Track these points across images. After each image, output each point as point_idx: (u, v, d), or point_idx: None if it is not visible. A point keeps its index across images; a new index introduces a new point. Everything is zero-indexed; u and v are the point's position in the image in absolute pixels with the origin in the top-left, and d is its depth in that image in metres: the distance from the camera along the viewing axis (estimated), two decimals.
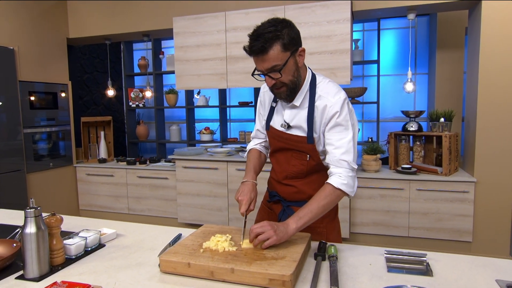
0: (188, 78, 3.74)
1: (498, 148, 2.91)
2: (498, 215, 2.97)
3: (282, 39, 1.22)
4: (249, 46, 1.25)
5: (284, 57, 1.24)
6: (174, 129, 5.15)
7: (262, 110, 1.57)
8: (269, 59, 1.23)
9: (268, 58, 1.23)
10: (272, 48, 1.21)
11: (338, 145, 1.31)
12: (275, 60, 1.23)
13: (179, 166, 3.79)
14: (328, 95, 1.34)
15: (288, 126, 1.42)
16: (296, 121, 1.40)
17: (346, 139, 1.31)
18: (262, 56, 1.23)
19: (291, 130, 1.42)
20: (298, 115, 1.40)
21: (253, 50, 1.23)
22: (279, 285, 1.05)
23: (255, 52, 1.23)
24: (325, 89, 1.36)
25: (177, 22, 3.68)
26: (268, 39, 1.20)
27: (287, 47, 1.24)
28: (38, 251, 1.13)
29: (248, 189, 1.39)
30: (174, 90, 5.04)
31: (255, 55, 1.25)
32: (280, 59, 1.23)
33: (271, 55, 1.22)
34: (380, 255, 1.30)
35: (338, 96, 1.33)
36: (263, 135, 1.62)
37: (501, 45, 2.81)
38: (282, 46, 1.22)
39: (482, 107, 2.91)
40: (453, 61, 3.83)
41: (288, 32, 1.23)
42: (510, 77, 2.83)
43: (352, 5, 3.16)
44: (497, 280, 1.10)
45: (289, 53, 1.25)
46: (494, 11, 2.82)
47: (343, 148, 1.30)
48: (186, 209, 3.83)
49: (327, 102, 1.33)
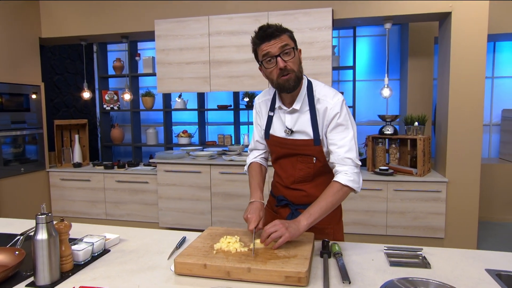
0: (170, 81, 3.72)
1: (467, 150, 3.14)
2: (467, 212, 3.19)
3: (289, 32, 1.38)
4: (261, 32, 1.34)
5: (292, 44, 1.37)
6: (151, 132, 5.07)
7: (259, 120, 1.60)
8: (282, 40, 1.33)
9: (281, 39, 1.33)
10: (283, 34, 1.35)
11: (341, 144, 1.38)
12: (287, 41, 1.34)
13: (160, 169, 3.75)
14: (327, 97, 1.41)
15: (291, 131, 1.47)
16: (298, 126, 1.45)
17: (348, 137, 1.39)
18: (275, 39, 1.32)
19: (294, 135, 1.47)
20: (299, 119, 1.45)
21: (267, 34, 1.32)
22: (294, 282, 1.10)
23: (268, 35, 1.32)
24: (323, 92, 1.43)
25: (159, 25, 3.65)
26: (278, 28, 1.35)
27: (292, 39, 1.38)
28: (50, 257, 1.12)
29: (256, 208, 1.41)
30: (151, 93, 4.97)
31: (269, 38, 1.32)
32: (290, 43, 1.36)
33: (283, 38, 1.34)
34: (380, 251, 1.38)
35: (337, 98, 1.41)
36: (262, 146, 1.64)
37: (469, 54, 3.05)
38: (289, 36, 1.37)
39: (453, 112, 3.13)
40: (424, 68, 4.08)
41: (290, 31, 1.40)
42: (478, 84, 3.06)
43: (333, 13, 3.29)
44: (486, 270, 1.22)
45: (294, 44, 1.38)
46: (463, 22, 3.04)
47: (346, 146, 1.38)
48: (167, 213, 3.79)
49: (327, 104, 1.40)
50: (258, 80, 3.50)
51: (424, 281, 1.11)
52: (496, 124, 4.50)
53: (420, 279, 1.13)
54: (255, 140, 1.65)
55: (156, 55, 3.72)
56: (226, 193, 3.62)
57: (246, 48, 3.48)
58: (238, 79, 3.54)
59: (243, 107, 4.63)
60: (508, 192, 4.07)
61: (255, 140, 1.65)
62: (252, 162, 1.65)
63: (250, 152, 1.70)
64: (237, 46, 3.49)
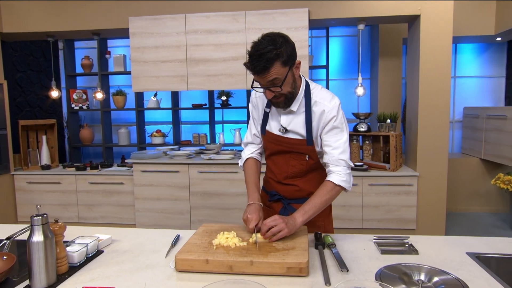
0: (146, 80, 3.64)
1: (436, 145, 3.33)
2: (436, 204, 3.39)
3: (282, 57, 1.29)
4: (251, 65, 1.30)
5: (284, 72, 1.32)
6: (122, 132, 4.93)
7: (255, 114, 1.62)
8: (270, 75, 1.29)
9: (270, 75, 1.29)
10: (273, 66, 1.28)
11: (335, 146, 1.44)
12: (276, 75, 1.30)
13: (137, 170, 3.67)
14: (324, 100, 1.45)
15: (286, 130, 1.50)
16: (292, 126, 1.49)
17: (342, 140, 1.44)
18: (264, 74, 1.29)
19: (288, 134, 1.50)
20: (294, 120, 1.49)
21: (256, 70, 1.29)
22: (296, 272, 1.14)
23: (258, 71, 1.29)
24: (320, 95, 1.47)
25: (134, 22, 3.57)
26: (269, 59, 1.26)
27: (286, 63, 1.31)
28: (46, 260, 1.08)
29: (255, 209, 1.42)
30: (123, 92, 4.84)
31: (258, 74, 1.31)
32: (280, 74, 1.31)
33: (272, 73, 1.29)
34: (369, 240, 1.45)
35: (334, 101, 1.46)
36: (259, 140, 1.65)
37: (437, 54, 3.23)
38: (282, 63, 1.30)
39: (422, 109, 3.31)
40: (393, 68, 4.27)
41: (286, 49, 1.30)
42: (444, 83, 3.26)
43: (309, 14, 3.37)
44: (467, 253, 1.32)
45: (287, 68, 1.33)
46: (431, 25, 3.23)
47: (340, 148, 1.43)
48: (145, 214, 3.72)
49: (325, 107, 1.44)
50: (236, 78, 3.51)
51: (416, 266, 1.18)
52: (458, 121, 4.79)
53: (412, 264, 1.20)
54: (252, 133, 1.64)
55: (131, 53, 3.63)
56: (205, 192, 3.60)
57: (224, 47, 3.48)
58: (216, 77, 3.53)
59: (218, 106, 4.62)
60: (470, 184, 4.36)
61: (252, 133, 1.64)
62: (248, 158, 1.64)
63: (245, 146, 1.69)
64: (215, 45, 3.49)
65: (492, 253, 1.33)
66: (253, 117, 1.63)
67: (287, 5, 3.39)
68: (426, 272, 1.15)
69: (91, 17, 3.72)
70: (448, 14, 3.20)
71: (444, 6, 3.20)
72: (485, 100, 4.72)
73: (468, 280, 1.11)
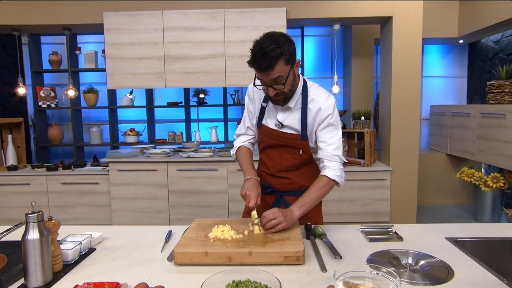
0: (122, 77, 3.57)
1: (407, 141, 3.51)
2: (408, 198, 3.57)
3: (285, 55, 1.33)
4: (256, 63, 1.33)
5: (287, 70, 1.37)
6: (94, 131, 4.78)
7: (251, 107, 1.65)
8: (274, 73, 1.34)
9: (274, 73, 1.34)
10: (277, 64, 1.33)
11: (330, 142, 1.49)
12: (279, 73, 1.35)
13: (113, 169, 3.58)
14: (320, 98, 1.51)
15: (282, 125, 1.55)
16: (288, 121, 1.54)
17: (337, 137, 1.51)
18: (268, 72, 1.34)
19: (284, 128, 1.55)
20: (290, 116, 1.54)
21: (261, 68, 1.33)
22: (293, 261, 1.18)
23: (263, 69, 1.33)
24: (317, 93, 1.53)
25: (109, 17, 3.48)
26: (273, 57, 1.31)
27: (288, 62, 1.36)
28: (42, 258, 1.06)
29: (253, 184, 1.46)
30: (94, 89, 4.70)
31: (263, 72, 1.34)
32: (283, 72, 1.36)
33: (276, 70, 1.34)
34: (356, 230, 1.53)
35: (330, 100, 1.52)
36: (252, 132, 1.69)
37: (409, 54, 3.40)
38: (285, 61, 1.34)
39: (395, 107, 3.47)
40: (366, 67, 4.43)
41: (288, 48, 1.35)
42: (415, 81, 3.43)
43: (287, 13, 3.43)
44: (446, 238, 1.42)
45: (289, 66, 1.38)
46: (403, 26, 3.39)
47: (335, 144, 1.49)
48: (121, 214, 3.64)
49: (321, 105, 1.50)
50: (215, 76, 3.52)
51: (403, 251, 1.27)
52: (425, 118, 5.05)
53: (399, 250, 1.28)
54: (246, 126, 1.68)
55: (106, 49, 3.54)
56: (184, 190, 3.58)
57: (203, 45, 3.48)
58: (195, 75, 3.52)
59: (194, 104, 4.60)
60: (437, 178, 4.61)
61: (246, 126, 1.68)
62: (241, 145, 1.68)
63: (237, 137, 1.73)
64: (193, 42, 3.47)
65: (467, 237, 1.44)
66: (248, 110, 1.67)
67: (265, 4, 3.44)
68: (413, 256, 1.23)
69: (63, 11, 3.58)
70: (418, 16, 3.37)
71: (414, 8, 3.37)
72: (450, 98, 5.01)
73: (450, 261, 1.20)
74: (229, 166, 3.53)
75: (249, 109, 1.66)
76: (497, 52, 4.35)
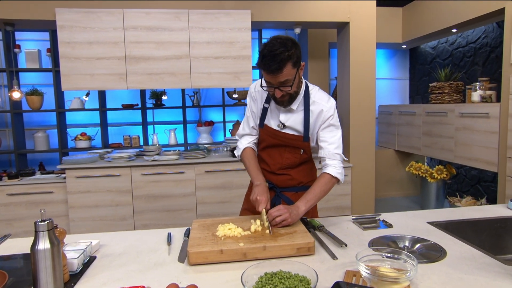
0: (78, 78, 3.35)
1: (365, 138, 3.76)
2: (366, 191, 3.82)
3: (292, 59, 1.39)
4: (265, 65, 1.38)
5: (293, 73, 1.43)
6: (40, 136, 4.41)
7: (254, 107, 1.67)
8: (283, 76, 1.39)
9: (282, 75, 1.39)
10: (286, 67, 1.38)
11: (331, 142, 1.57)
12: (287, 76, 1.40)
13: (70, 176, 3.35)
14: (322, 101, 1.58)
15: (284, 126, 1.59)
16: (290, 122, 1.59)
17: (337, 136, 1.58)
18: (277, 74, 1.39)
19: (286, 129, 1.60)
20: (292, 117, 1.59)
21: (271, 70, 1.37)
22: (305, 252, 1.24)
23: (272, 71, 1.38)
24: (318, 96, 1.60)
25: (62, 14, 3.26)
26: (282, 60, 1.36)
27: (295, 65, 1.42)
28: (54, 268, 0.99)
29: (263, 190, 1.48)
30: (39, 91, 4.34)
31: (272, 74, 1.39)
32: (291, 75, 1.42)
33: (284, 73, 1.39)
34: (348, 221, 1.63)
35: (331, 102, 1.59)
36: (256, 132, 1.71)
37: (365, 57, 3.65)
38: (292, 64, 1.40)
39: (353, 107, 3.71)
40: (321, 70, 4.65)
41: (295, 52, 1.40)
42: (371, 82, 3.69)
43: (251, 16, 3.49)
44: (428, 222, 1.58)
45: (296, 70, 1.44)
46: (359, 30, 3.63)
47: (335, 143, 1.57)
48: (81, 224, 3.41)
49: (323, 107, 1.56)
50: (179, 77, 3.46)
51: (399, 236, 1.38)
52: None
53: (394, 235, 1.40)
54: (250, 126, 1.69)
55: (59, 48, 3.30)
56: (150, 195, 3.47)
57: (167, 45, 3.40)
58: (158, 76, 3.43)
59: (152, 106, 4.46)
60: (387, 172, 4.99)
61: (250, 126, 1.69)
62: (246, 147, 1.69)
63: (240, 137, 1.74)
64: (156, 43, 3.38)
65: (443, 220, 1.61)
66: (251, 110, 1.69)
67: (229, 6, 3.47)
68: (409, 240, 1.35)
69: (7, 4, 3.27)
70: (372, 21, 3.64)
71: (369, 14, 3.64)
72: (394, 99, 5.44)
73: (439, 242, 1.34)
74: (196, 168, 3.49)
75: (252, 109, 1.69)
76: (434, 57, 4.84)
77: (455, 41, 4.42)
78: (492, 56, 3.88)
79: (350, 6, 3.61)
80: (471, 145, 3.48)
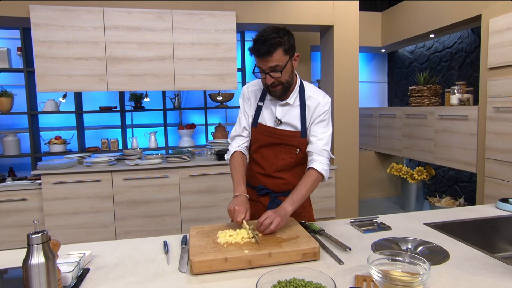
0: (55, 79, 3.19)
1: (349, 141, 3.79)
2: (350, 193, 3.86)
3: (284, 45, 1.41)
4: (255, 48, 1.40)
5: (285, 60, 1.43)
6: (9, 140, 4.17)
7: (247, 108, 1.63)
8: (273, 60, 1.41)
9: (272, 59, 1.40)
10: (276, 51, 1.40)
11: (321, 137, 1.54)
12: (277, 62, 1.41)
13: (46, 182, 3.18)
14: (318, 96, 1.57)
15: (280, 122, 1.56)
16: (287, 118, 1.56)
17: (328, 133, 1.56)
18: (267, 58, 1.40)
19: (282, 125, 1.56)
20: (289, 112, 1.56)
21: (260, 53, 1.40)
22: (310, 257, 1.21)
23: (262, 54, 1.40)
24: (313, 91, 1.58)
25: (36, 11, 3.09)
26: (273, 44, 1.38)
27: (287, 52, 1.43)
28: (49, 284, 0.91)
29: (242, 201, 1.43)
30: (8, 92, 4.11)
31: (262, 56, 1.40)
32: (281, 61, 1.42)
33: (274, 57, 1.40)
34: (347, 224, 1.62)
35: (327, 97, 1.59)
36: (247, 132, 1.66)
37: (348, 60, 3.69)
38: (284, 50, 1.42)
39: (337, 110, 3.73)
40: (303, 72, 4.67)
41: (288, 39, 1.42)
42: (354, 85, 3.74)
43: (236, 17, 3.45)
44: (424, 224, 1.59)
45: (288, 57, 1.44)
46: (343, 33, 3.67)
47: (325, 140, 1.55)
48: (58, 232, 3.24)
49: (319, 101, 1.55)
50: (163, 79, 3.37)
51: (401, 238, 1.38)
52: None
53: (396, 237, 1.39)
54: (242, 126, 1.64)
55: (34, 47, 3.13)
56: (131, 200, 3.34)
57: (149, 46, 3.30)
58: (141, 77, 3.32)
59: (131, 108, 4.32)
60: (368, 174, 5.07)
61: (242, 126, 1.64)
62: (236, 151, 1.63)
63: (232, 139, 1.68)
64: (138, 43, 3.27)
65: (439, 221, 1.62)
66: (244, 111, 1.65)
67: (214, 7, 3.41)
68: (411, 242, 1.35)
69: None
70: (355, 25, 3.69)
71: (352, 18, 3.68)
72: (373, 102, 5.55)
73: (440, 243, 1.34)
74: (180, 172, 3.40)
75: (244, 110, 1.65)
76: (412, 61, 4.97)
77: (432, 46, 4.57)
78: (467, 60, 4.02)
79: (334, 10, 3.64)
80: (450, 146, 3.59)
